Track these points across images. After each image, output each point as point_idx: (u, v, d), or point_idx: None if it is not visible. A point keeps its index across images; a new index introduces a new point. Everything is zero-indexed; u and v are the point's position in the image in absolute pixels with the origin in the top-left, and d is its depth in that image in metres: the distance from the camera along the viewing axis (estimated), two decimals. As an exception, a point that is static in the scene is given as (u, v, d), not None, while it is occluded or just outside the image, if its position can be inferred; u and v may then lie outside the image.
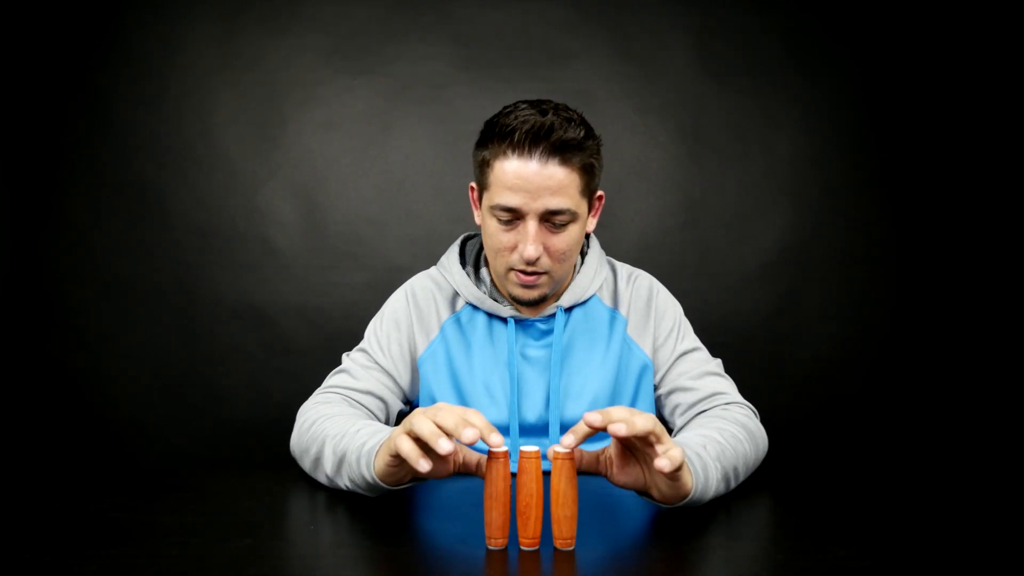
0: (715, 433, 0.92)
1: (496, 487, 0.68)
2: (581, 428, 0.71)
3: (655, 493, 0.78)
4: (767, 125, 1.94)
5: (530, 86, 1.88)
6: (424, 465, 0.69)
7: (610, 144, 1.09)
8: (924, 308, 1.93)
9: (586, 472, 0.77)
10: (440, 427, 0.69)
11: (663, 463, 0.69)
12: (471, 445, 0.68)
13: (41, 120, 1.87)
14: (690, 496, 0.78)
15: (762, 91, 1.94)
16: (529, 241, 0.98)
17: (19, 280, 1.87)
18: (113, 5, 1.88)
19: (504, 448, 0.69)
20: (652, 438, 0.71)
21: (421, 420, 0.70)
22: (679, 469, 0.72)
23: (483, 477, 0.71)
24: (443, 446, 0.67)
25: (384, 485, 0.81)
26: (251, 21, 1.90)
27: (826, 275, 1.94)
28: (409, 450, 0.70)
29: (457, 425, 0.68)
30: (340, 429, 0.91)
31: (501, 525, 0.69)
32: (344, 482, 0.88)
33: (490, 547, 0.69)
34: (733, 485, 0.90)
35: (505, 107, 1.02)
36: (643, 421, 0.70)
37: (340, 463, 0.87)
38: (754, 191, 1.94)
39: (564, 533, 0.68)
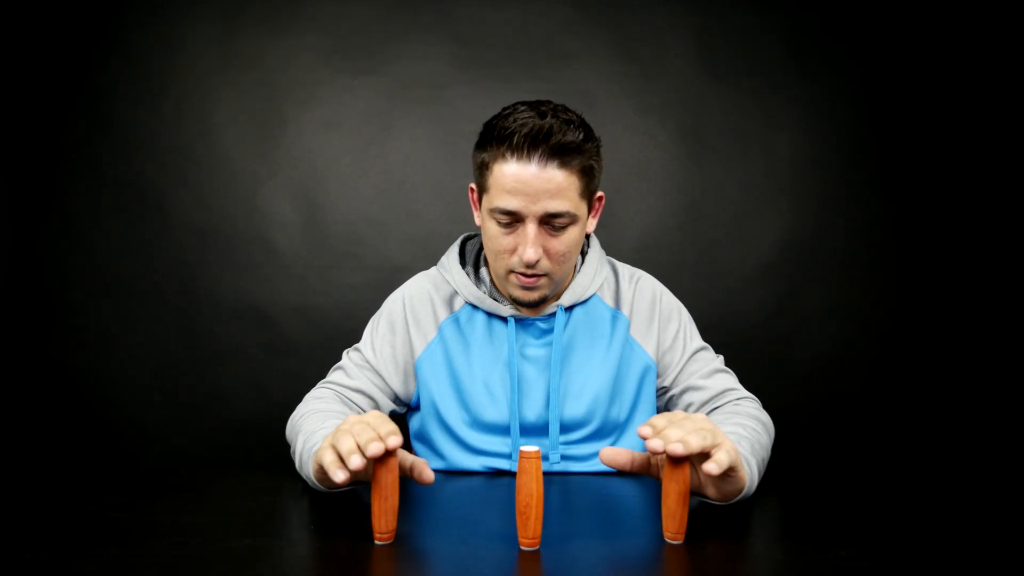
0: (740, 429, 0.96)
1: (382, 484, 0.72)
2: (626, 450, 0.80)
3: (711, 492, 0.83)
4: (767, 125, 1.94)
5: (530, 86, 1.88)
6: (340, 475, 0.72)
7: (610, 144, 1.09)
8: (924, 308, 1.93)
9: (637, 472, 0.82)
10: (357, 443, 0.73)
11: (711, 467, 0.73)
12: (378, 457, 0.71)
13: (41, 120, 1.87)
14: (744, 490, 0.83)
15: (762, 91, 1.94)
16: (528, 244, 0.98)
17: (19, 280, 1.87)
18: (113, 5, 1.88)
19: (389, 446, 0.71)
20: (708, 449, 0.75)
21: (343, 436, 0.74)
22: (733, 469, 0.77)
23: (414, 479, 0.78)
24: (354, 462, 0.70)
25: (322, 487, 0.87)
26: (251, 21, 1.90)
27: (826, 275, 1.94)
28: (330, 462, 0.74)
29: (368, 441, 0.71)
30: (311, 427, 0.96)
31: (385, 520, 0.72)
32: (304, 477, 0.93)
33: (378, 543, 0.71)
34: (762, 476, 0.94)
35: (504, 108, 1.01)
36: (697, 440, 0.73)
37: (301, 460, 0.93)
38: (754, 191, 1.94)
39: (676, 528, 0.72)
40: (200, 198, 1.90)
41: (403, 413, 1.18)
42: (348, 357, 1.14)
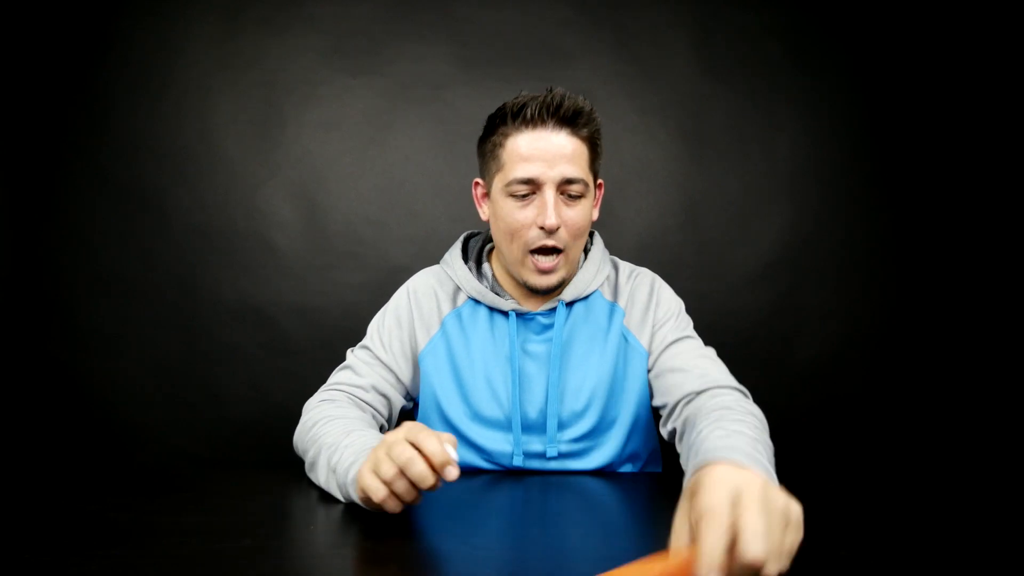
0: (756, 454, 0.79)
1: None
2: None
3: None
4: (767, 125, 1.94)
5: (530, 86, 1.87)
6: (396, 509, 0.74)
7: (610, 144, 1.10)
8: (923, 308, 1.93)
9: None
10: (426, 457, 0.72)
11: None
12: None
13: (41, 120, 1.87)
14: None
15: (762, 91, 1.94)
16: (549, 209, 1.00)
17: (19, 280, 1.87)
18: (113, 5, 1.88)
19: None
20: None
21: (384, 463, 0.74)
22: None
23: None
24: (451, 473, 0.71)
25: (369, 508, 0.80)
26: (251, 21, 1.90)
27: (826, 275, 1.94)
28: (383, 498, 0.74)
29: (444, 462, 0.71)
30: (334, 439, 0.90)
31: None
32: (334, 493, 0.87)
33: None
34: None
35: (504, 102, 1.05)
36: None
37: (330, 477, 0.87)
38: (754, 191, 1.94)
39: None
40: (200, 198, 1.90)
41: (411, 409, 1.17)
42: (354, 355, 1.12)
